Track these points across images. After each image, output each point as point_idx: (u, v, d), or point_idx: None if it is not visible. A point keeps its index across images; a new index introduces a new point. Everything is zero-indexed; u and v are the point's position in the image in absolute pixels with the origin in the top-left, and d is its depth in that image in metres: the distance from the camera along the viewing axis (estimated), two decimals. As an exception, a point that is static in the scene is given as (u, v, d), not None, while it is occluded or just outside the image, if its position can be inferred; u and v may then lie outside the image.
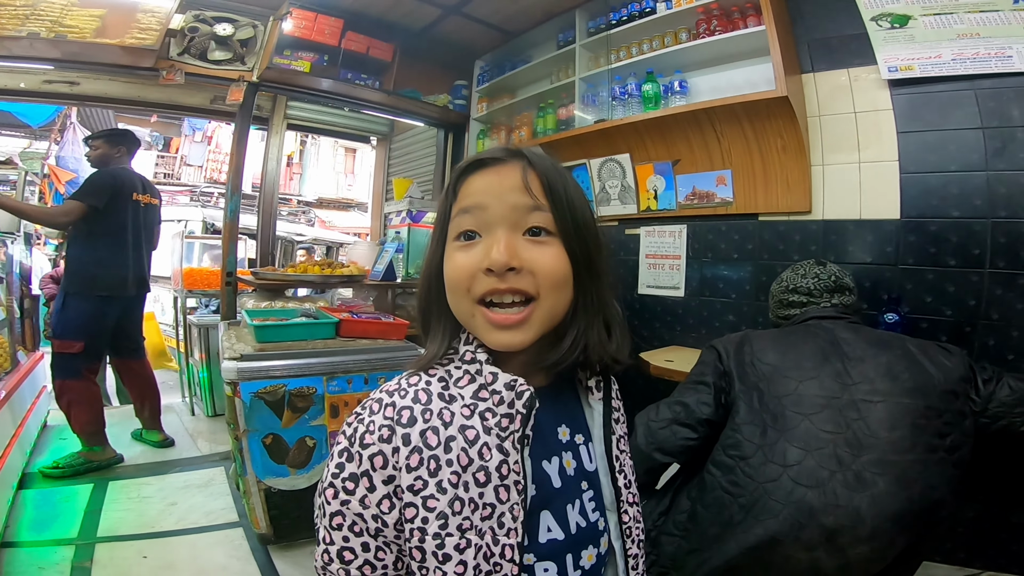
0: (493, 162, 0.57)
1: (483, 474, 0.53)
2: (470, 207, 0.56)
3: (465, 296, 0.55)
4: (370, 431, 0.52)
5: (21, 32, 2.45)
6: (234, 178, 2.78)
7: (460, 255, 0.56)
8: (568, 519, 0.58)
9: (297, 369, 1.96)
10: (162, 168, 8.62)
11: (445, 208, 0.59)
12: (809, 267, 1.50)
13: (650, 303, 2.62)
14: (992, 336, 1.75)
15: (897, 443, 1.12)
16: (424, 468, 0.52)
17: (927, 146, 1.89)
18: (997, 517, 1.74)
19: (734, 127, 2.23)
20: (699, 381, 1.34)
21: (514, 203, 0.55)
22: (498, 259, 0.52)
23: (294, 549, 2.07)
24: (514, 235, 0.54)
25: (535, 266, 0.54)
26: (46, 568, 1.86)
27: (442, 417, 0.54)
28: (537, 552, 0.56)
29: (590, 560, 0.59)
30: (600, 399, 0.64)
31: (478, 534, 0.51)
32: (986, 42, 1.78)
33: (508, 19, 3.04)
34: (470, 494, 0.52)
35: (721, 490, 1.20)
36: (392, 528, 0.52)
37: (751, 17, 2.17)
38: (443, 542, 0.50)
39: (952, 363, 1.22)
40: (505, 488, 0.53)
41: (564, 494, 0.59)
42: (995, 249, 1.75)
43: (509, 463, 0.53)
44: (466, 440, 0.53)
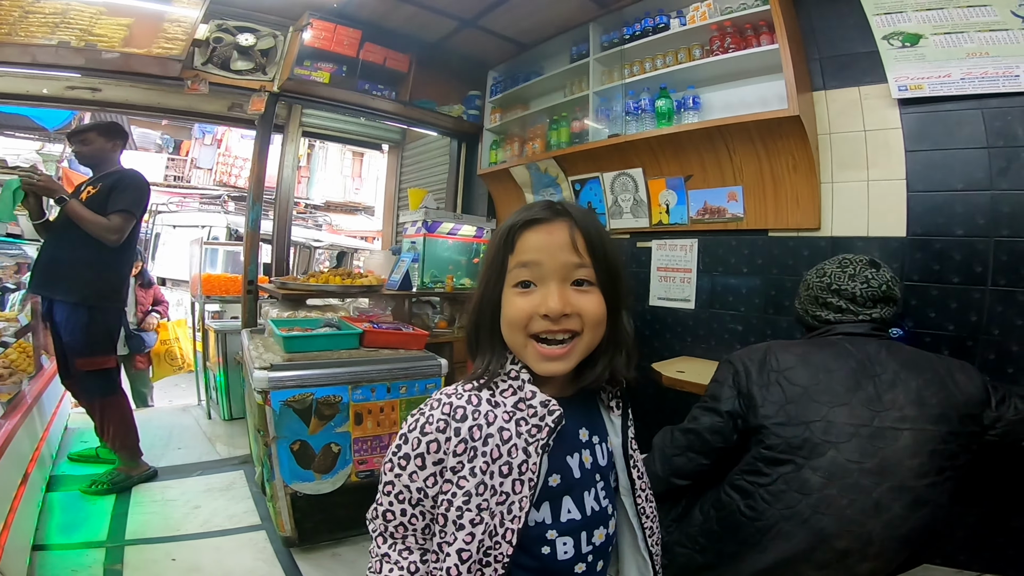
0: (544, 221, 0.70)
1: (507, 467, 0.66)
2: (528, 262, 0.69)
3: (521, 332, 0.69)
4: (429, 422, 0.67)
5: (51, 40, 2.51)
6: (256, 187, 2.84)
7: (520, 300, 0.69)
8: (585, 504, 0.72)
9: (324, 379, 2.02)
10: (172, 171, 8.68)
11: (502, 256, 0.71)
12: (860, 267, 1.35)
13: (661, 314, 2.68)
14: (992, 351, 1.80)
15: (916, 469, 1.13)
16: (465, 455, 0.66)
17: (934, 165, 1.94)
18: (996, 521, 1.78)
19: (746, 144, 2.28)
20: (713, 408, 1.30)
21: (564, 260, 0.68)
22: (555, 308, 0.67)
23: (317, 552, 2.12)
24: (564, 287, 0.68)
25: (582, 311, 0.68)
26: (79, 571, 1.90)
27: (487, 418, 0.68)
28: (559, 529, 0.69)
29: (600, 538, 0.73)
30: (619, 415, 0.78)
31: (491, 515, 0.65)
32: (995, 61, 1.81)
33: (522, 32, 3.10)
34: (493, 482, 0.66)
35: (739, 513, 1.21)
36: (430, 499, 0.67)
37: (764, 35, 2.22)
38: (462, 514, 0.65)
39: (973, 386, 1.21)
40: (521, 482, 0.66)
41: (582, 483, 0.72)
42: (997, 267, 1.80)
43: (529, 463, 0.67)
44: (501, 439, 0.67)
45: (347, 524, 2.17)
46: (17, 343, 2.70)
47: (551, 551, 0.69)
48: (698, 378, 2.08)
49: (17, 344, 2.70)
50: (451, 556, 0.64)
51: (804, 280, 1.45)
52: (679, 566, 1.30)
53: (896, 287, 1.34)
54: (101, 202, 2.42)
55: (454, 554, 0.64)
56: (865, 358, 1.22)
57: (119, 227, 2.42)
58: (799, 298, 1.45)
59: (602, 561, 0.75)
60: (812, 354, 1.25)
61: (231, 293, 3.62)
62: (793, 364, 1.24)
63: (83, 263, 2.42)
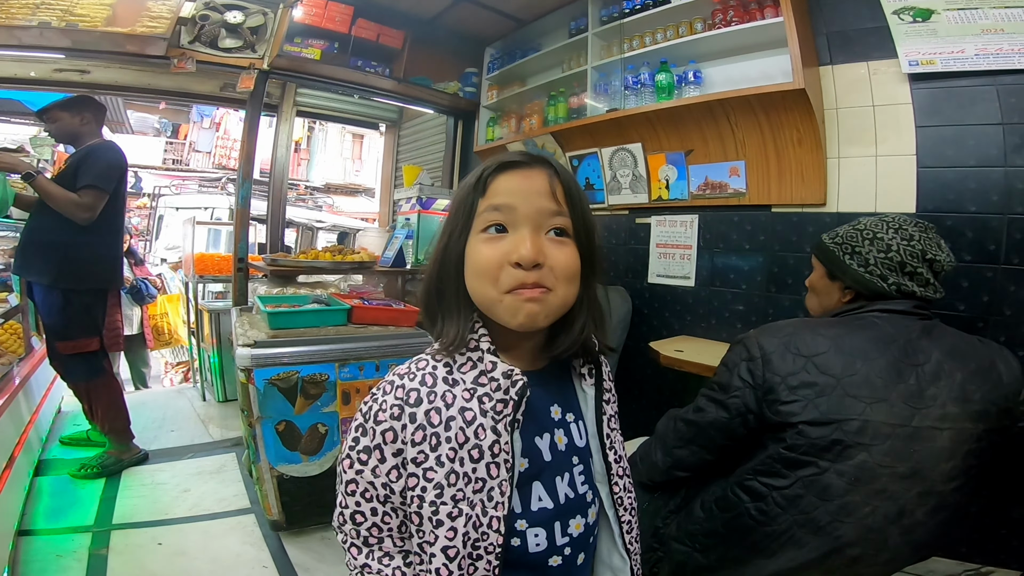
0: (523, 165, 0.63)
1: (477, 451, 0.60)
2: (500, 205, 0.62)
3: (492, 285, 0.61)
4: (383, 409, 0.60)
5: (32, 21, 2.45)
6: (245, 165, 2.78)
7: (487, 247, 0.61)
8: (557, 490, 0.65)
9: (310, 356, 1.97)
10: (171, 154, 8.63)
11: (471, 201, 0.64)
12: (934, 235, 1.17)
13: (660, 292, 2.62)
14: (1003, 332, 1.74)
15: (948, 473, 1.02)
16: (426, 443, 0.59)
17: (945, 141, 1.87)
18: (998, 513, 1.74)
19: (749, 118, 2.20)
20: (720, 401, 1.13)
21: (540, 206, 0.62)
22: (528, 256, 0.59)
23: (305, 535, 2.10)
24: (538, 235, 0.61)
25: (555, 263, 0.61)
26: (64, 556, 1.89)
27: (445, 399, 0.61)
28: (529, 519, 0.63)
29: (578, 529, 0.66)
30: (592, 384, 0.70)
31: (469, 505, 0.59)
32: (1010, 38, 1.75)
33: (520, 7, 3.01)
34: (465, 469, 0.59)
35: (747, 516, 1.08)
36: (398, 495, 0.60)
37: (768, 8, 2.13)
38: (438, 509, 0.58)
39: (1013, 377, 1.08)
40: (496, 465, 0.60)
41: (554, 467, 0.66)
42: (1010, 245, 1.74)
43: (500, 443, 0.60)
44: (464, 420, 0.60)
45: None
46: (7, 324, 2.68)
47: (521, 543, 0.63)
48: (697, 357, 2.03)
49: (7, 325, 2.68)
50: (437, 556, 0.58)
51: (875, 239, 1.17)
52: (676, 563, 1.20)
53: None
54: (69, 178, 2.33)
55: (439, 553, 0.58)
56: (907, 343, 1.05)
57: (87, 204, 2.31)
58: (867, 261, 1.17)
59: (583, 554, 0.68)
60: (846, 336, 1.06)
61: (224, 272, 3.59)
62: (825, 348, 1.04)
63: (56, 244, 2.33)
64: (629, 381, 2.64)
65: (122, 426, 2.56)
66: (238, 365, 1.88)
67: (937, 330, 1.11)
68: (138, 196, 8.18)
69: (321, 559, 1.98)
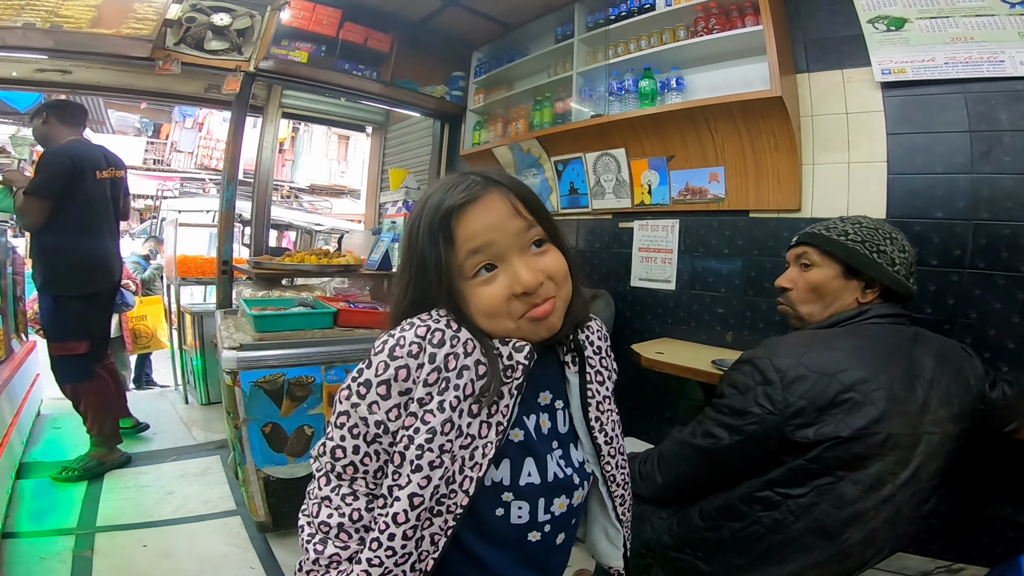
0: (476, 198, 0.64)
1: (477, 407, 0.61)
2: (479, 247, 0.63)
3: (508, 319, 0.64)
4: (400, 345, 0.60)
5: (16, 22, 2.43)
6: (230, 167, 2.77)
7: (487, 289, 0.64)
8: (548, 468, 0.67)
9: (296, 359, 1.99)
10: (152, 154, 8.49)
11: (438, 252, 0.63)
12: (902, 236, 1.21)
13: (642, 295, 2.67)
14: (969, 334, 1.80)
15: (933, 473, 1.06)
16: (436, 386, 0.60)
17: (915, 148, 1.93)
18: (969, 510, 1.79)
19: (728, 125, 2.26)
20: (735, 427, 1.08)
21: (515, 230, 0.64)
22: (530, 283, 0.63)
23: (292, 536, 2.10)
24: (526, 256, 0.65)
25: (549, 271, 0.65)
26: (48, 558, 1.88)
27: (465, 348, 0.62)
28: (515, 492, 0.65)
29: (561, 508, 0.68)
30: (575, 372, 0.73)
31: (451, 459, 0.60)
32: (979, 46, 1.80)
33: (507, 11, 3.04)
34: (460, 421, 0.60)
35: (760, 525, 1.06)
36: (390, 435, 0.61)
37: (749, 16, 2.19)
38: (423, 454, 0.59)
39: (978, 379, 1.14)
40: (488, 425, 0.62)
41: (543, 448, 0.68)
42: (975, 250, 1.80)
43: (500, 405, 0.63)
44: (476, 374, 0.62)
45: (323, 508, 2.15)
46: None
47: (504, 513, 0.65)
48: (677, 359, 2.07)
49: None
50: (400, 501, 0.59)
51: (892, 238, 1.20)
52: (675, 570, 1.19)
53: None
54: None
55: (404, 499, 0.58)
56: (909, 352, 1.08)
57: (25, 210, 2.31)
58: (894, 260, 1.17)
59: (563, 534, 0.70)
60: (861, 349, 1.06)
61: (207, 275, 3.57)
62: (846, 365, 1.02)
63: (44, 249, 2.42)
64: (612, 382, 2.66)
65: (109, 430, 2.57)
66: (224, 368, 1.88)
67: (922, 336, 1.14)
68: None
69: (307, 559, 1.99)
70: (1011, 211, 1.75)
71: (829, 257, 1.22)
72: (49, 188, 2.33)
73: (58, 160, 2.39)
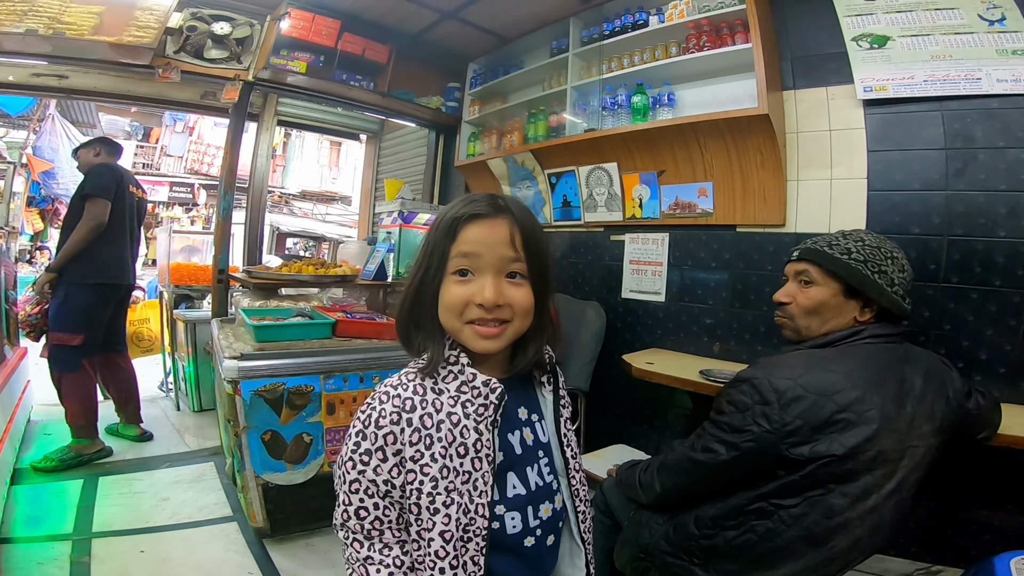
0: (488, 216, 0.74)
1: (463, 448, 0.70)
2: (468, 252, 0.73)
3: (457, 318, 0.73)
4: (382, 416, 0.70)
5: (19, 28, 2.44)
6: (228, 176, 2.80)
7: (457, 288, 0.73)
8: (528, 479, 0.77)
9: (296, 368, 2.03)
10: (141, 158, 8.42)
11: (443, 246, 0.74)
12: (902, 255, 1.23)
13: (633, 307, 2.73)
14: (943, 345, 1.87)
15: (914, 484, 1.12)
16: (422, 443, 0.69)
17: (894, 165, 2.00)
18: (946, 514, 1.85)
19: (717, 141, 2.33)
20: (732, 444, 1.12)
21: (501, 254, 0.73)
22: (490, 299, 0.71)
23: (289, 542, 2.13)
24: (499, 279, 0.73)
25: (513, 301, 0.73)
26: (45, 563, 1.89)
27: (435, 405, 0.72)
28: (506, 504, 0.74)
29: (547, 512, 0.77)
30: (550, 391, 0.83)
31: (459, 494, 0.69)
32: (957, 64, 1.85)
33: (503, 25, 3.10)
34: (454, 464, 0.70)
35: (753, 533, 1.12)
36: (399, 490, 0.69)
37: (739, 34, 2.24)
38: (434, 499, 0.68)
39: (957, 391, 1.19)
40: (479, 459, 0.71)
41: (525, 459, 0.77)
42: (949, 264, 1.87)
43: (482, 440, 0.71)
44: (451, 423, 0.71)
45: (320, 515, 2.18)
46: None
47: (500, 525, 0.73)
48: (667, 369, 2.13)
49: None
50: (435, 540, 0.68)
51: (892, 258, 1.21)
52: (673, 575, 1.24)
53: None
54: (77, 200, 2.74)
55: (437, 537, 0.68)
56: (900, 371, 1.12)
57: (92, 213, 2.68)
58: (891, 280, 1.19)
59: (553, 535, 0.79)
60: (856, 370, 1.10)
61: (200, 282, 3.57)
62: (842, 386, 1.07)
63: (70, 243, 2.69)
64: (603, 392, 2.73)
65: (87, 422, 2.70)
66: (225, 377, 1.91)
67: (911, 353, 1.18)
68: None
69: (306, 565, 2.02)
70: (984, 227, 1.83)
71: (831, 276, 1.22)
72: (107, 191, 2.73)
73: (110, 171, 2.83)
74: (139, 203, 3.05)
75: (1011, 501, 1.76)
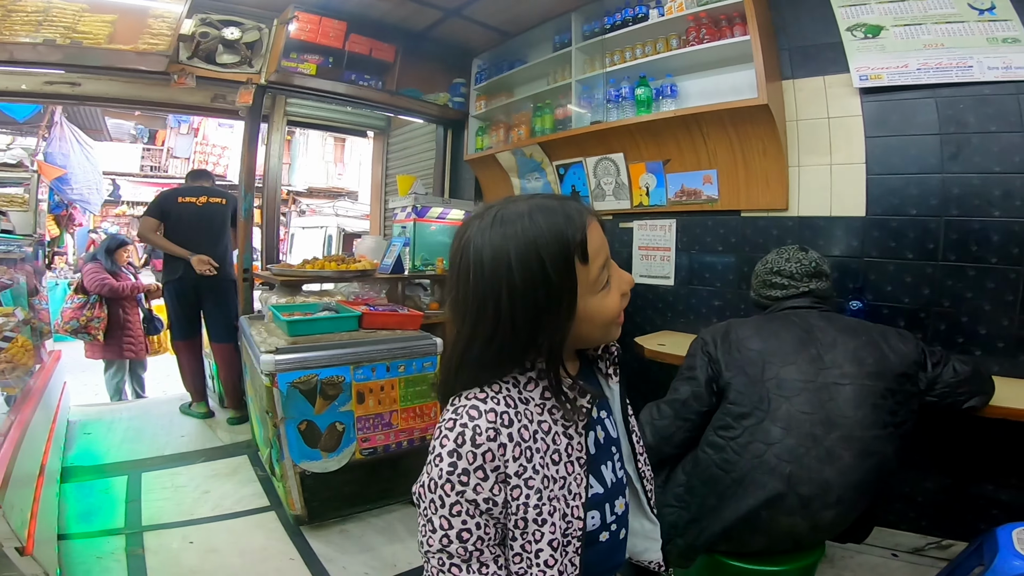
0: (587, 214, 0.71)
1: (556, 455, 0.70)
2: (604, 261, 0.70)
3: (616, 325, 0.73)
4: (478, 434, 0.65)
5: (36, 38, 2.51)
6: (247, 178, 2.89)
7: (608, 298, 0.71)
8: (604, 477, 0.76)
9: (327, 360, 2.13)
10: (148, 161, 8.51)
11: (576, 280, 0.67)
12: (793, 252, 1.61)
13: (643, 291, 2.83)
14: (943, 322, 1.97)
15: (861, 421, 1.29)
16: (523, 456, 0.66)
17: (891, 150, 2.08)
18: (955, 489, 1.95)
19: (719, 131, 2.41)
20: (691, 376, 1.46)
21: None
22: (632, 281, 0.74)
23: (325, 528, 2.25)
24: None
25: None
26: (104, 557, 1.99)
27: (527, 416, 0.69)
28: (586, 504, 0.73)
29: (621, 508, 0.78)
30: (617, 381, 0.83)
31: (558, 500, 0.68)
32: (949, 52, 1.92)
33: (506, 21, 3.16)
34: (551, 472, 0.68)
35: (715, 467, 1.36)
36: (500, 506, 0.66)
37: (737, 26, 2.30)
38: (540, 510, 0.67)
39: (907, 348, 1.37)
40: (571, 463, 0.71)
41: (600, 458, 0.76)
42: (947, 244, 1.96)
43: (574, 444, 0.71)
44: (543, 432, 0.69)
45: (353, 500, 2.30)
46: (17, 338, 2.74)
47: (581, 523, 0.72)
48: (678, 350, 2.22)
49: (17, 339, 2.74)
50: (544, 550, 0.66)
51: (754, 272, 1.68)
52: (668, 524, 1.42)
53: (824, 264, 1.59)
54: None
55: (546, 547, 0.66)
56: (808, 326, 1.43)
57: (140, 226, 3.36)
58: (752, 287, 1.69)
59: (624, 529, 0.79)
60: (764, 326, 1.47)
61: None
62: (750, 334, 1.44)
63: None
64: (619, 373, 2.82)
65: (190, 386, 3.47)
66: (263, 371, 2.02)
67: (832, 317, 1.48)
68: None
69: (342, 550, 2.13)
70: (979, 207, 1.92)
71: None
72: (148, 210, 3.28)
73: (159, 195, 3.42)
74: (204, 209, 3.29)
75: (1017, 476, 1.85)
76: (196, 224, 3.26)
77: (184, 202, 3.27)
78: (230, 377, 3.28)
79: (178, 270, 3.20)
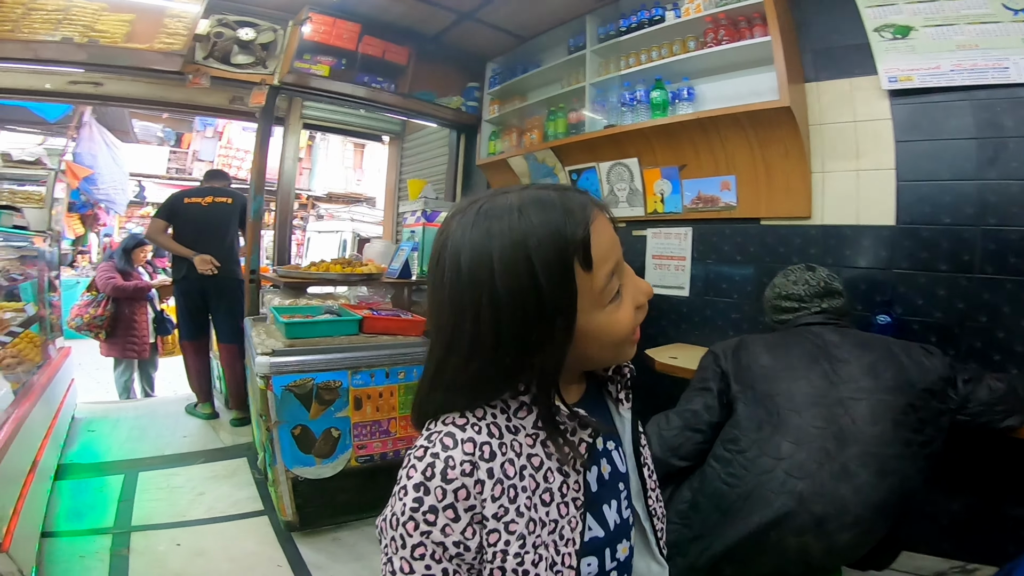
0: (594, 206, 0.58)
1: (548, 495, 0.58)
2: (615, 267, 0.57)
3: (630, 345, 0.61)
4: (451, 467, 0.54)
5: (55, 36, 2.55)
6: (257, 179, 2.88)
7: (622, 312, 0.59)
8: (607, 518, 0.63)
9: (324, 364, 2.08)
10: (174, 164, 8.73)
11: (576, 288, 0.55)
12: (799, 273, 1.58)
13: (656, 302, 2.67)
14: (979, 338, 1.84)
15: (879, 437, 1.21)
16: (505, 497, 0.55)
17: (923, 155, 1.96)
18: (980, 510, 1.82)
19: (738, 134, 2.31)
20: (703, 387, 1.44)
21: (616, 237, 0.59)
22: (651, 289, 0.61)
23: (317, 536, 2.19)
24: None
25: None
26: (87, 556, 1.96)
27: (514, 449, 0.57)
28: (583, 549, 0.61)
29: (624, 552, 0.65)
30: (628, 408, 0.70)
31: (546, 547, 0.56)
32: (984, 53, 1.82)
33: (520, 24, 3.13)
34: (539, 514, 0.57)
35: (720, 481, 1.29)
36: (473, 552, 0.55)
37: (757, 27, 2.23)
38: (523, 559, 0.55)
39: (932, 363, 1.30)
40: (565, 505, 0.58)
41: (603, 496, 0.64)
42: (984, 255, 1.83)
43: (569, 483, 0.59)
44: (532, 467, 0.58)
45: (347, 508, 2.23)
46: (24, 333, 2.76)
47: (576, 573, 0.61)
48: (691, 364, 2.10)
49: (24, 334, 2.76)
50: None
51: (764, 298, 1.67)
52: (669, 543, 1.31)
53: (834, 281, 1.54)
54: None
55: None
56: (821, 342, 1.39)
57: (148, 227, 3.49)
58: (766, 314, 1.67)
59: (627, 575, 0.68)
60: (777, 341, 1.45)
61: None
62: (761, 350, 1.41)
63: None
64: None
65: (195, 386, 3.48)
66: (257, 372, 1.98)
67: (848, 332, 1.44)
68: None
69: (334, 558, 2.07)
70: (1018, 216, 1.79)
71: None
72: (158, 212, 3.39)
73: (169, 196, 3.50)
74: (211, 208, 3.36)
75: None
76: (201, 224, 3.30)
77: (190, 203, 3.34)
78: (235, 378, 3.26)
79: (183, 270, 3.26)
